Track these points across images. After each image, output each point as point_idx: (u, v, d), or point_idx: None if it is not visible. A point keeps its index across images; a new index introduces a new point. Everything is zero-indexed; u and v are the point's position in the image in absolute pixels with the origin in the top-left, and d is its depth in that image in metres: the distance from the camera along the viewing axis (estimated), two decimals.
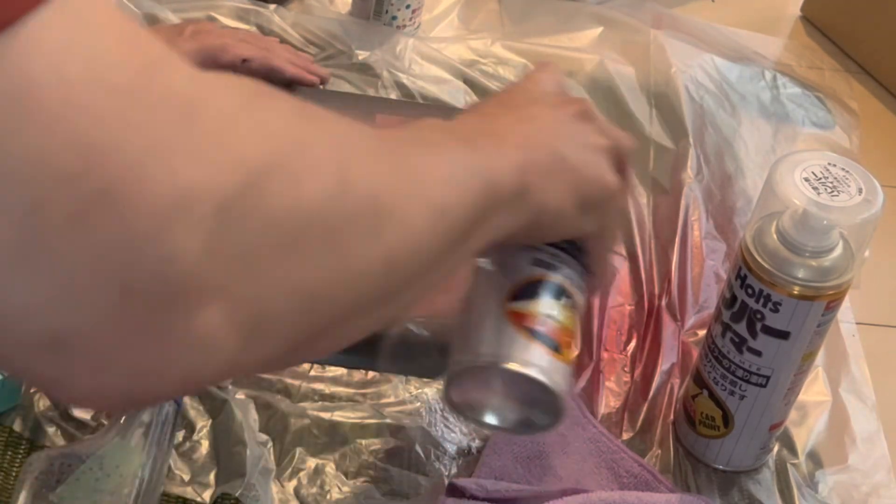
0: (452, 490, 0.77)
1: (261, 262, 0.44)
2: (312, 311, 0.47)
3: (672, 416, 0.88)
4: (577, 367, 0.90)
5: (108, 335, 0.41)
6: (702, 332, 0.92)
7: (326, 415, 0.83)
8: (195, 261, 0.41)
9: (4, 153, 0.38)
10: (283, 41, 1.12)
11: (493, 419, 0.70)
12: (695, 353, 0.89)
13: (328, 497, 0.78)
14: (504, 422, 0.70)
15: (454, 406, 0.69)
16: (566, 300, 0.68)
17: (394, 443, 0.82)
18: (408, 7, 1.17)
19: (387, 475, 0.80)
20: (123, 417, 0.75)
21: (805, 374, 0.81)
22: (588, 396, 0.88)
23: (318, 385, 0.85)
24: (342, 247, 0.47)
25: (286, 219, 0.44)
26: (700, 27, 1.29)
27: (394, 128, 0.59)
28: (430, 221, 0.52)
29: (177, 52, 0.62)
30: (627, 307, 0.96)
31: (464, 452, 0.83)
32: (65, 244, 0.39)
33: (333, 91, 1.09)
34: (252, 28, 1.14)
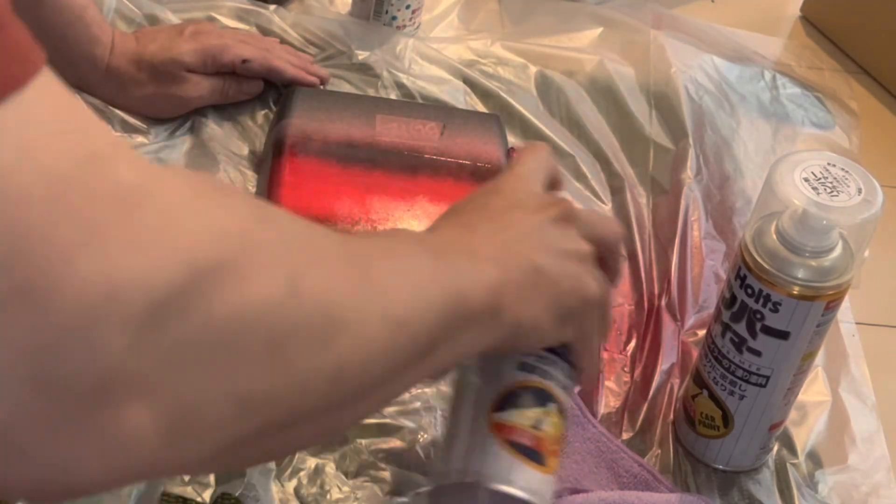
0: None
1: (194, 364, 0.42)
2: (247, 417, 0.45)
3: (672, 416, 0.88)
4: None
5: (24, 428, 0.40)
6: (702, 332, 0.92)
7: None
8: (120, 358, 0.40)
9: None
10: (284, 41, 1.12)
11: None
12: (695, 353, 0.89)
13: (328, 497, 0.78)
14: None
15: None
16: (552, 405, 0.67)
17: (394, 443, 0.82)
18: (408, 7, 1.17)
19: (387, 475, 0.80)
20: None
21: (805, 374, 0.81)
22: (588, 396, 0.88)
23: None
24: (286, 354, 0.45)
25: (226, 321, 0.43)
26: (700, 27, 1.29)
27: (364, 235, 0.57)
28: (387, 333, 0.50)
29: (177, 54, 0.62)
30: (627, 307, 0.96)
31: None
32: None
33: (333, 91, 1.09)
34: (252, 28, 1.14)
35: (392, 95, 1.10)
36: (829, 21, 1.43)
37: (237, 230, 0.45)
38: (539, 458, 0.65)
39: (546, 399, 0.67)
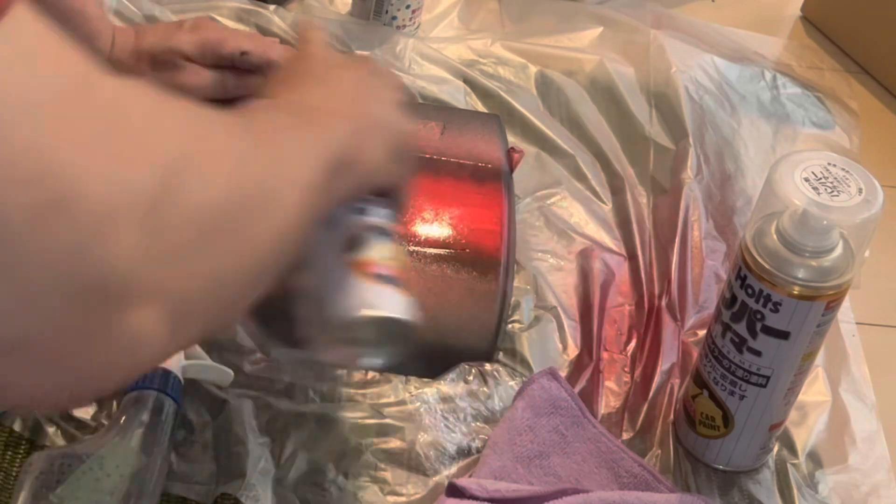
0: (452, 490, 0.77)
1: (184, 256, 0.48)
2: (222, 294, 0.53)
3: (672, 416, 0.88)
4: (577, 367, 0.90)
5: (59, 338, 0.44)
6: (702, 332, 0.92)
7: (326, 414, 0.83)
8: (133, 261, 0.44)
9: None
10: (283, 42, 1.12)
11: (369, 362, 0.77)
12: (695, 353, 0.89)
13: (328, 497, 0.78)
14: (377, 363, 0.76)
15: (330, 363, 0.75)
16: (393, 239, 0.74)
17: (394, 443, 0.82)
18: (408, 7, 1.17)
19: (387, 475, 0.80)
20: (123, 417, 0.75)
21: (805, 374, 0.81)
22: (588, 396, 0.88)
23: (319, 385, 0.85)
24: (243, 232, 0.52)
25: (199, 212, 0.49)
26: (700, 27, 1.29)
27: (248, 113, 0.64)
28: (302, 198, 0.58)
29: (176, 43, 0.67)
30: (627, 307, 0.96)
31: (464, 452, 0.83)
32: (22, 249, 0.41)
33: None
34: (252, 29, 1.14)
35: None
36: (829, 21, 1.43)
37: (189, 130, 0.51)
38: (401, 285, 0.72)
39: (387, 234, 0.74)
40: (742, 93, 1.21)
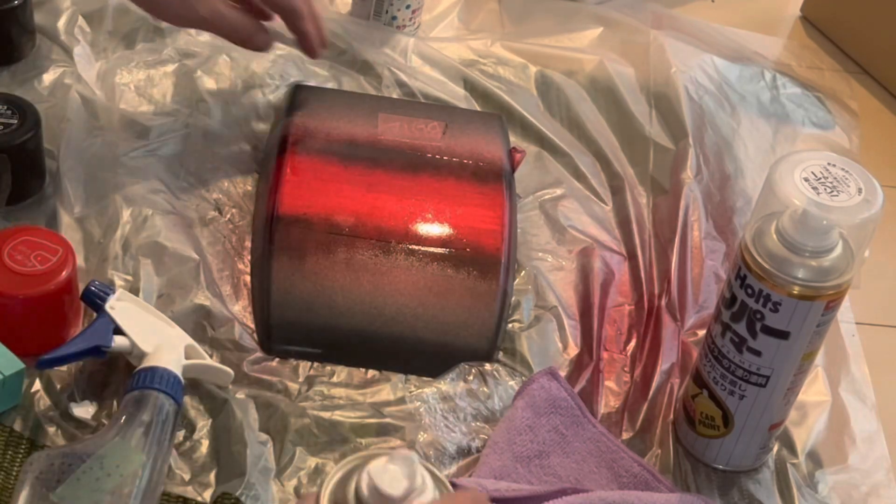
0: None
1: None
2: None
3: (672, 416, 0.88)
4: (577, 367, 0.90)
5: None
6: (702, 332, 0.92)
7: (326, 414, 0.83)
8: None
9: None
10: (283, 42, 1.12)
11: None
12: (695, 353, 0.90)
13: None
14: None
15: None
16: None
17: (394, 442, 0.82)
18: (408, 7, 1.17)
19: None
20: (123, 417, 0.75)
21: (805, 374, 0.81)
22: (588, 396, 0.88)
23: (318, 385, 0.85)
24: None
25: None
26: (700, 27, 1.29)
27: None
28: None
29: None
30: (627, 307, 0.96)
31: (464, 452, 0.83)
32: None
33: (336, 90, 1.09)
34: None
35: (394, 95, 1.11)
36: (829, 21, 1.43)
37: None
38: None
39: None
40: (742, 93, 1.21)
